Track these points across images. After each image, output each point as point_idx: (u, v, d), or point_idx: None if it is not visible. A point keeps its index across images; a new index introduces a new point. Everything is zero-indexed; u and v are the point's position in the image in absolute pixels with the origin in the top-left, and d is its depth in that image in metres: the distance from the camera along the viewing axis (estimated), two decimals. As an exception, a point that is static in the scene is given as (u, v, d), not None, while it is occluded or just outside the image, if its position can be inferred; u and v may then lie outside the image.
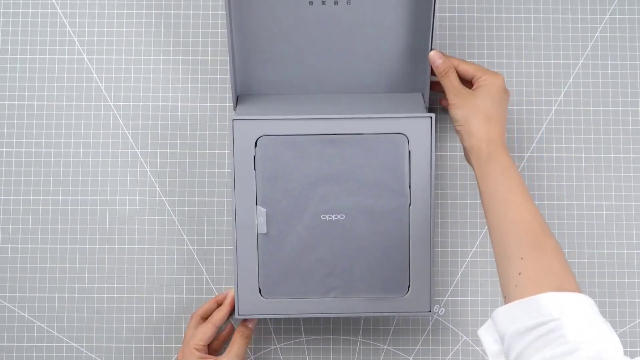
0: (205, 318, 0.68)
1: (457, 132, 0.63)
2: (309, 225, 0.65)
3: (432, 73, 0.65)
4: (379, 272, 0.65)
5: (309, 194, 0.64)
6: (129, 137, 0.73)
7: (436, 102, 0.73)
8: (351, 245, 0.65)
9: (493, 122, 0.61)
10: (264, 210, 0.64)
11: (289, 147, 0.64)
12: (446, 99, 0.64)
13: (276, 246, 0.65)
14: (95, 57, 0.74)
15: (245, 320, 0.68)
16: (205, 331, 0.66)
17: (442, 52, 0.64)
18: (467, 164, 0.73)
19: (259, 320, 0.71)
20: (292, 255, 0.65)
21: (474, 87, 0.63)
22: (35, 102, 0.73)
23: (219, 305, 0.69)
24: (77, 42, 0.74)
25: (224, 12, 0.62)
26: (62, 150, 0.73)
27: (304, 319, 0.72)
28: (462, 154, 0.73)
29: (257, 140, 0.64)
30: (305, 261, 0.65)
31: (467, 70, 0.64)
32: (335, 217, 0.64)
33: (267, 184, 0.65)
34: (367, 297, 0.65)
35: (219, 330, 0.68)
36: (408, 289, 0.65)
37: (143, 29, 0.74)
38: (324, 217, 0.64)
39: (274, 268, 0.65)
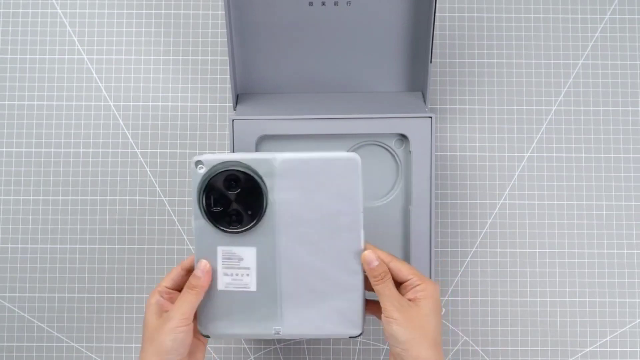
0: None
1: (396, 354, 0.52)
2: None
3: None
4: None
5: None
6: (129, 137, 0.73)
7: (436, 101, 0.74)
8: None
9: (439, 347, 0.52)
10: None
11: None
12: (376, 307, 0.55)
13: None
14: (95, 57, 0.74)
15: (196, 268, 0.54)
16: (171, 273, 0.55)
17: (377, 250, 0.55)
18: (467, 162, 0.73)
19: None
20: None
21: (410, 297, 0.53)
22: (35, 102, 0.73)
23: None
24: (77, 42, 0.74)
25: (224, 12, 0.62)
26: (62, 150, 0.73)
27: (304, 319, 0.72)
28: (462, 153, 0.73)
29: (257, 141, 0.64)
30: None
31: (401, 270, 0.54)
32: None
33: None
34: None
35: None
36: None
37: (143, 29, 0.74)
38: None
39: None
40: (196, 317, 0.54)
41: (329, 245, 0.54)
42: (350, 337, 0.55)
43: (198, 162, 0.53)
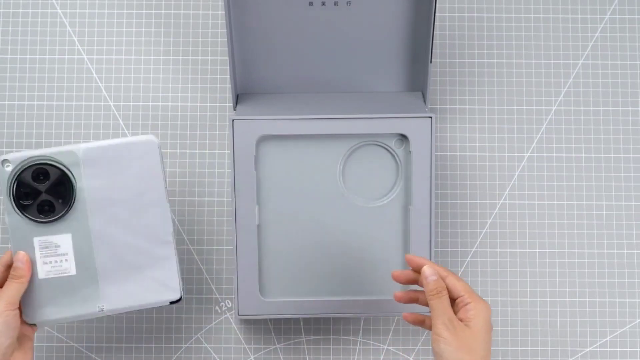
0: None
1: None
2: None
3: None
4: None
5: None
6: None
7: (436, 101, 0.74)
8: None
9: None
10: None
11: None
12: (425, 321, 0.58)
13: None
14: (95, 57, 0.74)
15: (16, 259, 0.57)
16: None
17: (435, 265, 0.56)
18: (467, 162, 0.73)
19: (259, 320, 0.71)
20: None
21: (461, 316, 0.54)
22: (35, 102, 0.73)
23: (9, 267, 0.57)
24: (77, 42, 0.74)
25: (224, 12, 0.62)
26: (62, 150, 0.73)
27: (304, 319, 0.72)
28: (462, 153, 0.73)
29: (257, 141, 0.65)
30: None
31: (455, 286, 0.54)
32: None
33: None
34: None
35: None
36: None
37: (143, 29, 0.74)
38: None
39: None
40: (21, 309, 0.57)
41: (139, 222, 0.58)
42: (170, 302, 0.60)
43: (4, 161, 0.56)
